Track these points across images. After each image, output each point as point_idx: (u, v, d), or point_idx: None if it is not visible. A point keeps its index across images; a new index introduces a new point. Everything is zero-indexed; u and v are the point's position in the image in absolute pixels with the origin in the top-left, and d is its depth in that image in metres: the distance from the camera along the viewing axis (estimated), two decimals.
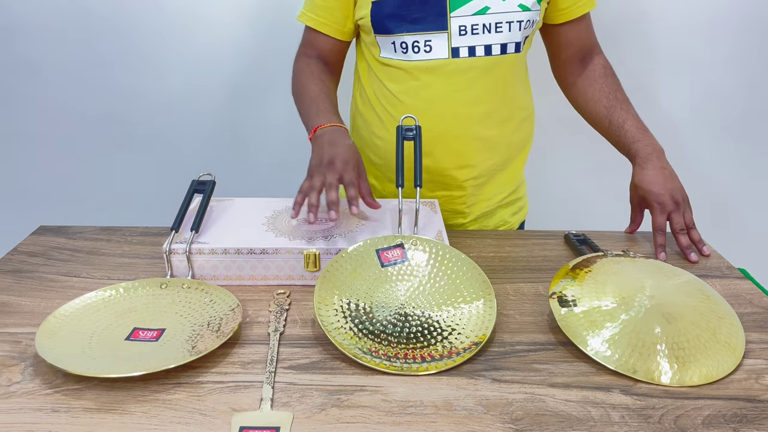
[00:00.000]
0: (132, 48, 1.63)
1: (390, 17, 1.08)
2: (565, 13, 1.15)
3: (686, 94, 1.69)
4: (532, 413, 0.69)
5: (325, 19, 1.14)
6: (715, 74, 1.67)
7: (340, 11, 1.13)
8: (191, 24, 1.61)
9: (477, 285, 0.87)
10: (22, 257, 1.03)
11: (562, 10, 1.14)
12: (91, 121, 1.71)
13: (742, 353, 0.78)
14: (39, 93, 1.68)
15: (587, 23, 1.19)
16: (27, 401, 0.70)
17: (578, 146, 1.70)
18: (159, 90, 1.68)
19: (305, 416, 0.68)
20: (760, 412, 0.70)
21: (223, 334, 0.79)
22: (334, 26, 1.15)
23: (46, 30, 1.61)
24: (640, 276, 0.88)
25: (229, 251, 0.92)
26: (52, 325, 0.80)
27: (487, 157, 1.19)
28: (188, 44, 1.63)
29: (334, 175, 0.94)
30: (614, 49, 1.28)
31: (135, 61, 1.65)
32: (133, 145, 1.75)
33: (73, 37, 1.62)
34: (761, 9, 1.60)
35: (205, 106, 1.70)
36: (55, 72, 1.66)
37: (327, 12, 1.14)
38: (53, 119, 1.72)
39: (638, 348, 0.77)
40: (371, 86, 1.19)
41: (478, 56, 1.09)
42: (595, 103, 1.18)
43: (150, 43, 1.63)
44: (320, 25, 1.15)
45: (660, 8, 1.61)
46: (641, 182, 1.09)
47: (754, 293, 0.94)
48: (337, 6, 1.12)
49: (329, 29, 1.15)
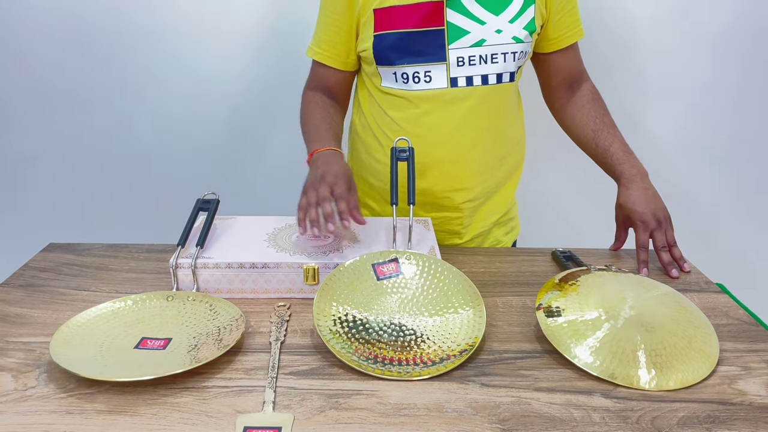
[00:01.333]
0: (139, 69, 1.70)
1: (391, 50, 1.14)
2: (554, 43, 1.22)
3: (672, 119, 1.77)
4: (518, 414, 0.73)
5: (329, 52, 1.21)
6: (698, 99, 1.75)
7: (342, 44, 1.19)
8: (197, 46, 1.68)
9: (467, 296, 0.92)
10: (33, 272, 1.07)
11: (552, 39, 1.21)
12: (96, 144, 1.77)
13: (716, 360, 0.83)
14: (48, 117, 1.75)
15: (575, 52, 1.26)
16: (42, 404, 0.74)
17: (568, 168, 1.77)
18: (164, 113, 1.74)
19: (305, 417, 0.72)
20: (732, 414, 0.74)
21: (226, 343, 0.83)
22: (337, 58, 1.21)
23: (53, 53, 1.67)
24: (622, 289, 0.94)
25: (233, 265, 0.97)
26: (65, 334, 0.84)
27: (482, 180, 1.24)
28: (193, 66, 1.70)
29: (326, 189, 0.99)
30: (603, 76, 1.35)
31: (142, 82, 1.71)
32: (138, 166, 1.80)
33: (80, 60, 1.68)
34: (743, 35, 1.68)
35: (209, 128, 1.76)
36: (62, 96, 1.72)
37: (330, 45, 1.20)
38: (59, 142, 1.77)
39: (618, 355, 0.82)
40: (371, 113, 1.25)
41: (475, 86, 1.15)
42: (583, 126, 1.25)
43: (156, 64, 1.69)
44: (325, 59, 1.21)
45: (646, 37, 1.69)
46: (626, 202, 1.15)
47: (730, 306, 0.99)
48: (340, 40, 1.19)
49: (333, 62, 1.21)
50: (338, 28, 1.17)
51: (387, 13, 1.13)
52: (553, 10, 1.17)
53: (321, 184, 1.00)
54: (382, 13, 1.13)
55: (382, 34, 1.13)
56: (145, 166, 1.81)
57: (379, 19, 1.13)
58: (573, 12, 1.20)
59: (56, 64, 1.69)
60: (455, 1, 1.11)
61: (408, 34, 1.13)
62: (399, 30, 1.13)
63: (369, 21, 1.14)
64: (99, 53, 1.67)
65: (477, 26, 1.13)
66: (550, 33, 1.21)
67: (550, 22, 1.19)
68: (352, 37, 1.18)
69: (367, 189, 1.31)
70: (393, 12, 1.12)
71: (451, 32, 1.12)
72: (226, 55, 1.68)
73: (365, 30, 1.15)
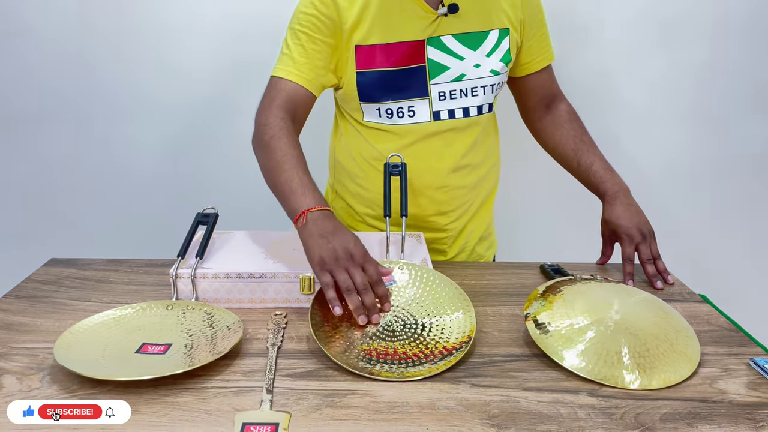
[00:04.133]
0: (136, 86, 1.75)
1: (375, 87, 1.16)
2: (526, 67, 1.28)
3: (650, 143, 1.83)
4: (507, 411, 0.76)
5: (307, 75, 1.14)
6: (678, 120, 1.82)
7: (321, 69, 1.15)
8: (197, 62, 1.74)
9: (459, 302, 0.95)
10: (35, 285, 1.10)
11: (524, 64, 1.27)
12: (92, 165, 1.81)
13: (698, 362, 0.86)
14: (49, 134, 1.79)
15: (549, 73, 1.31)
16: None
17: (550, 184, 1.81)
18: (161, 132, 1.79)
19: (302, 415, 0.75)
20: (712, 410, 0.77)
21: (224, 346, 0.86)
22: (314, 82, 1.15)
23: (54, 68, 1.73)
24: (607, 295, 0.97)
25: (231, 275, 1.00)
26: (68, 340, 0.87)
27: (464, 201, 1.28)
28: (193, 82, 1.76)
29: (360, 274, 0.92)
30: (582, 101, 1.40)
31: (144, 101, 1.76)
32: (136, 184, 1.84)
33: (81, 75, 1.74)
34: (723, 63, 1.75)
35: (208, 143, 1.81)
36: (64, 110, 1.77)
37: (309, 68, 1.14)
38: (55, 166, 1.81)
39: (603, 357, 0.85)
40: (356, 145, 1.26)
41: (457, 118, 1.20)
42: (564, 146, 1.30)
43: (153, 80, 1.75)
44: (303, 81, 1.13)
45: (626, 64, 1.76)
46: (611, 217, 1.20)
47: (712, 314, 1.03)
48: (320, 64, 1.14)
49: (310, 85, 1.14)
50: (318, 52, 1.13)
51: (369, 51, 1.15)
52: (525, 36, 1.23)
53: (349, 263, 0.93)
54: (364, 50, 1.15)
55: (364, 71, 1.16)
56: (147, 184, 1.84)
57: (360, 56, 1.15)
58: (544, 37, 1.26)
59: (53, 89, 1.74)
60: (435, 39, 1.15)
61: (391, 73, 1.16)
62: (381, 69, 1.15)
63: (350, 56, 1.15)
64: (99, 67, 1.73)
65: (456, 62, 1.17)
66: (522, 58, 1.26)
67: (522, 48, 1.24)
68: (331, 64, 1.16)
69: (352, 213, 1.34)
70: (375, 50, 1.14)
71: (432, 68, 1.17)
72: (225, 70, 1.74)
73: (347, 64, 1.16)
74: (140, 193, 1.86)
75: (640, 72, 1.77)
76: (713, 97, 1.80)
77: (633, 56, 1.76)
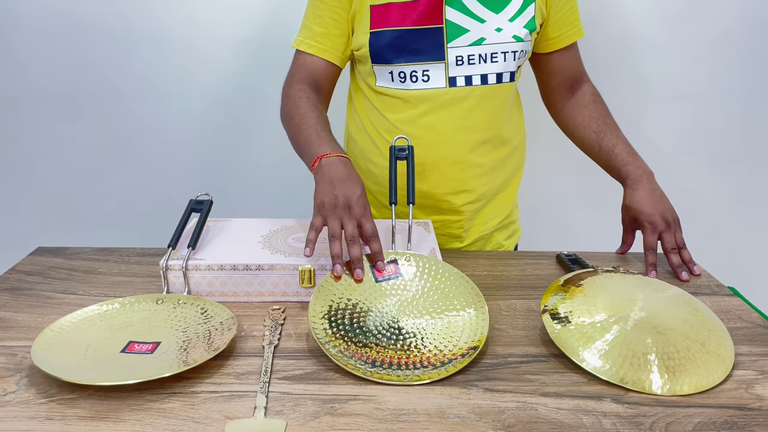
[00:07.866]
0: (130, 73, 1.67)
1: (388, 48, 1.11)
2: (553, 42, 1.19)
3: (675, 122, 1.73)
4: (524, 420, 0.69)
5: (325, 45, 1.15)
6: (702, 101, 1.71)
7: (340, 37, 1.15)
8: (191, 49, 1.65)
9: (469, 297, 0.88)
10: (19, 276, 1.04)
11: (551, 39, 1.19)
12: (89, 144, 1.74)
13: (732, 364, 0.79)
14: (37, 118, 1.72)
15: (575, 52, 1.23)
16: (21, 410, 0.70)
17: (570, 171, 1.74)
18: (157, 114, 1.72)
19: (299, 424, 0.68)
20: (750, 419, 0.70)
21: (217, 345, 0.79)
22: (334, 52, 1.16)
23: (46, 56, 1.65)
24: (631, 290, 0.90)
25: (225, 267, 0.93)
26: (48, 338, 0.81)
27: (483, 182, 1.21)
28: (184, 68, 1.67)
29: (353, 225, 0.91)
30: (604, 79, 1.32)
31: (132, 86, 1.68)
32: (130, 168, 1.77)
33: (72, 62, 1.65)
34: (746, 40, 1.65)
35: (202, 131, 1.73)
36: (53, 99, 1.69)
37: (327, 39, 1.15)
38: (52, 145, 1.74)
39: (629, 358, 0.78)
40: (367, 115, 1.22)
41: (474, 85, 1.12)
42: (585, 128, 1.21)
43: (148, 66, 1.66)
44: (322, 52, 1.15)
45: (648, 39, 1.66)
46: (632, 203, 1.12)
47: (743, 309, 0.95)
48: (337, 32, 1.14)
49: (330, 55, 1.16)
50: (336, 20, 1.13)
51: (384, 10, 1.10)
52: (552, 8, 1.15)
53: (345, 213, 0.91)
54: (379, 9, 1.10)
55: (378, 31, 1.11)
56: (139, 170, 1.77)
57: (375, 16, 1.10)
58: (573, 11, 1.18)
59: (48, 69, 1.66)
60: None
61: (405, 32, 1.10)
62: (396, 27, 1.10)
63: (365, 17, 1.11)
64: (91, 57, 1.65)
65: (476, 24, 1.10)
66: (549, 32, 1.18)
67: (549, 20, 1.16)
68: (349, 30, 1.15)
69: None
70: (390, 9, 1.10)
71: (450, 30, 1.10)
72: (218, 57, 1.66)
73: (360, 26, 1.12)
74: (136, 179, 1.79)
75: (660, 44, 1.67)
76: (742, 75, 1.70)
77: (655, 28, 1.66)
